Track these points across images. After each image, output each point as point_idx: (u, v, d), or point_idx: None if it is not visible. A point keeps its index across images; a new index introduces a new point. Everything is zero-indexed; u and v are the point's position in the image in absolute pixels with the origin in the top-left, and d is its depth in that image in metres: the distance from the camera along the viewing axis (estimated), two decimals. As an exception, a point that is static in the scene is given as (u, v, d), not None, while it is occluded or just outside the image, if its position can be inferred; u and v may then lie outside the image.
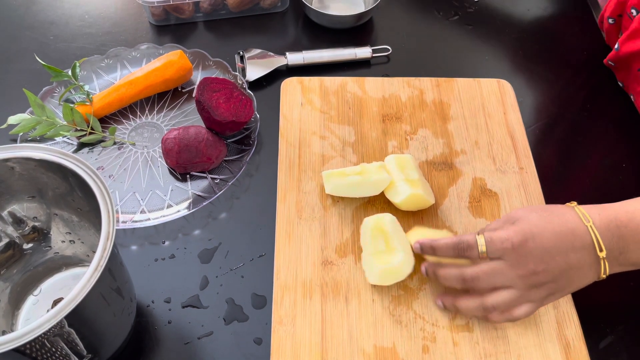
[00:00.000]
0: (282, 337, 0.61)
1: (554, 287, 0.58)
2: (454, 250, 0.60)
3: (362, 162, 0.74)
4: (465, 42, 0.92)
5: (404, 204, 0.68)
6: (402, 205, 0.68)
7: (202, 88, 0.73)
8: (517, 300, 0.58)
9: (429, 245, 0.61)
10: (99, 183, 0.50)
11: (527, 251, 0.56)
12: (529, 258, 0.56)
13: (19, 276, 0.62)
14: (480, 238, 0.58)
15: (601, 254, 0.56)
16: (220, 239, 0.69)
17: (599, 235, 0.56)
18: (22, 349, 0.44)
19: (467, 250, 0.59)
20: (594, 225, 0.56)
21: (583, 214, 0.57)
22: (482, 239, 0.58)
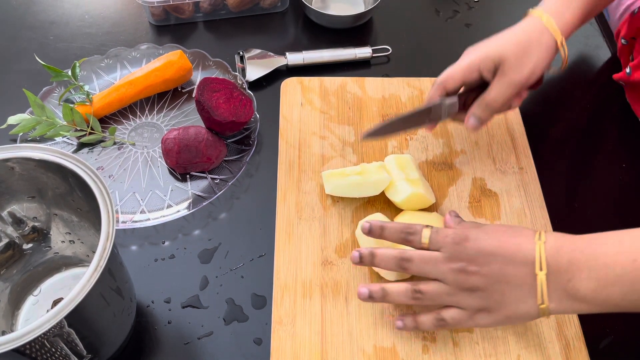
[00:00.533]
0: (282, 337, 0.61)
1: (486, 300, 0.55)
2: (400, 233, 0.58)
3: (362, 162, 0.74)
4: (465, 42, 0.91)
5: (404, 203, 0.68)
6: (403, 204, 0.68)
7: (202, 88, 0.73)
8: (442, 295, 0.56)
9: (379, 225, 0.60)
10: (99, 183, 0.50)
11: (464, 248, 0.54)
12: (463, 255, 0.54)
13: (19, 276, 0.62)
14: (427, 230, 0.57)
15: (540, 273, 0.52)
16: (220, 239, 0.69)
17: (546, 254, 0.52)
18: (22, 349, 0.44)
19: (412, 235, 0.58)
20: (545, 244, 0.53)
21: (540, 235, 0.54)
22: (428, 231, 0.57)
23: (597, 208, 0.74)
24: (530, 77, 0.63)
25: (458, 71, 0.65)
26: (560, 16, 0.64)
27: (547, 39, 0.64)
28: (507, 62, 0.63)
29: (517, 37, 0.63)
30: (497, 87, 0.64)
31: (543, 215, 0.70)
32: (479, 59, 0.64)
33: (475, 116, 0.66)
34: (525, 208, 0.71)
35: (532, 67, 0.63)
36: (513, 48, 0.63)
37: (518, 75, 0.63)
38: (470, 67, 0.64)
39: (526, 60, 0.63)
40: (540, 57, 0.63)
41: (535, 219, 0.70)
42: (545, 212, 0.71)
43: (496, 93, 0.64)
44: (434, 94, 0.67)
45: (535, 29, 0.64)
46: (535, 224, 0.70)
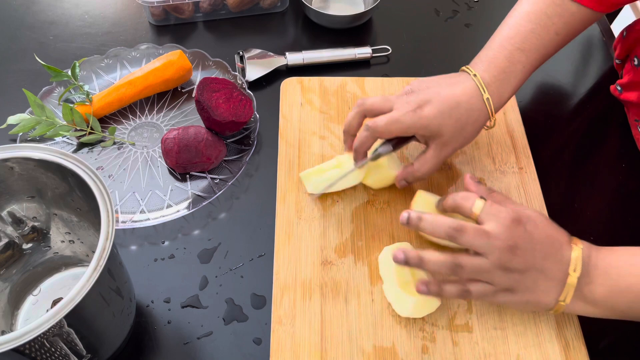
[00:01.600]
0: (281, 337, 0.61)
1: (517, 283, 0.57)
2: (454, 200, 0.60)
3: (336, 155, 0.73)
4: (465, 42, 0.92)
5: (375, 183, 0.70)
6: (374, 184, 0.71)
7: (201, 88, 0.73)
8: (482, 272, 0.56)
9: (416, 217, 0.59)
10: (99, 183, 0.50)
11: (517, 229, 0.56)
12: (515, 235, 0.56)
13: (19, 276, 0.62)
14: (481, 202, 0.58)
15: (574, 274, 0.56)
16: (220, 239, 0.69)
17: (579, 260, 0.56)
18: (21, 349, 0.44)
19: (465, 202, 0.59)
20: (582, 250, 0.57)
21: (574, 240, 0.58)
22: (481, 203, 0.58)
23: (597, 208, 0.74)
24: (456, 149, 0.66)
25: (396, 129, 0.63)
26: (499, 96, 0.66)
27: (483, 119, 0.65)
28: (443, 137, 0.64)
29: (457, 113, 0.63)
30: (432, 160, 0.65)
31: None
32: (419, 126, 0.63)
33: (406, 180, 0.68)
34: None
35: (463, 142, 0.66)
36: (451, 125, 0.63)
37: (450, 150, 0.65)
38: (408, 130, 0.63)
39: (460, 138, 0.65)
40: (472, 135, 0.66)
41: (535, 219, 0.70)
42: (545, 213, 0.71)
43: (429, 167, 0.66)
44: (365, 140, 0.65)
45: (475, 107, 0.64)
46: (534, 224, 0.69)
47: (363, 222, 0.69)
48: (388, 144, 0.66)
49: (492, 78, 0.65)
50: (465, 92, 0.65)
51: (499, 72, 0.66)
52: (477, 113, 0.65)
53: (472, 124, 0.65)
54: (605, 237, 0.71)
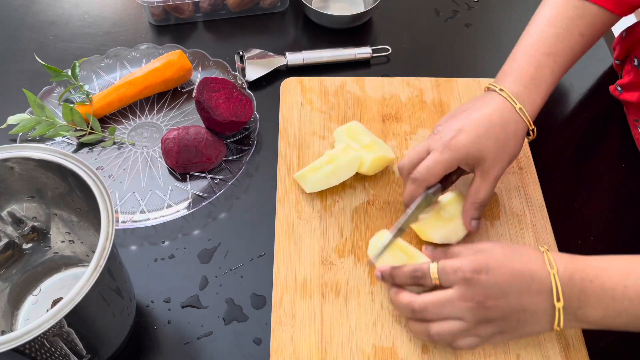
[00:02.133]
0: (281, 337, 0.61)
1: (503, 326, 0.56)
2: (410, 278, 0.59)
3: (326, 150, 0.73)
4: (465, 42, 0.92)
5: (370, 170, 0.71)
6: (369, 171, 0.71)
7: (201, 88, 0.73)
8: (463, 333, 0.56)
9: (389, 273, 0.61)
10: (99, 183, 0.50)
11: (479, 284, 0.55)
12: (479, 291, 0.55)
13: (19, 276, 0.62)
14: (434, 267, 0.57)
15: (558, 304, 0.54)
16: (220, 239, 0.69)
17: (560, 284, 0.54)
18: (21, 349, 0.44)
19: (422, 279, 0.58)
20: (558, 273, 0.54)
21: (549, 260, 0.55)
22: (435, 268, 0.57)
23: (597, 208, 0.74)
24: (507, 166, 0.64)
25: (440, 169, 0.62)
26: (532, 103, 0.64)
27: (521, 130, 0.63)
28: (487, 161, 0.62)
29: (495, 133, 0.62)
30: (485, 186, 0.63)
31: (543, 215, 0.70)
32: (459, 158, 0.62)
33: (475, 218, 0.65)
34: (525, 208, 0.71)
35: (509, 159, 0.63)
36: (492, 147, 0.61)
37: (499, 170, 0.63)
38: (451, 165, 0.62)
39: (505, 156, 0.63)
40: (517, 149, 0.64)
41: (535, 219, 0.70)
42: (545, 213, 0.71)
43: (485, 192, 0.63)
44: (415, 191, 0.64)
45: (510, 121, 0.62)
46: (535, 224, 0.69)
47: (363, 222, 0.69)
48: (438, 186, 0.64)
49: (521, 88, 0.64)
50: (497, 109, 0.63)
51: (528, 81, 0.64)
52: (515, 126, 0.63)
53: (512, 139, 0.63)
54: (605, 237, 0.71)
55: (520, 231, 0.69)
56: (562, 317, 0.54)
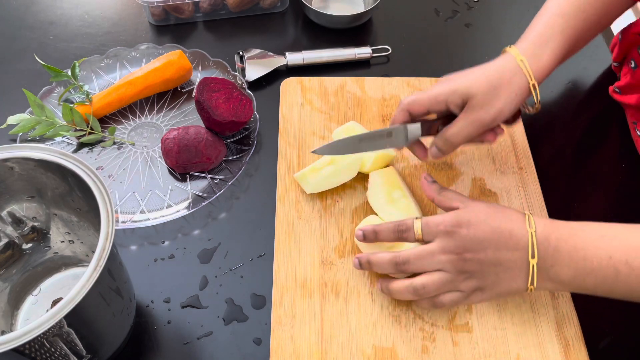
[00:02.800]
0: (281, 338, 0.61)
1: (482, 281, 0.58)
2: (394, 233, 0.61)
3: None
4: (464, 42, 0.92)
5: (372, 168, 0.71)
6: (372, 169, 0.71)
7: (201, 88, 0.73)
8: (445, 285, 0.58)
9: (372, 230, 0.62)
10: (98, 183, 0.50)
11: (459, 237, 0.57)
12: (459, 243, 0.57)
13: (19, 276, 0.62)
14: (418, 222, 0.59)
15: (532, 261, 0.56)
16: (220, 239, 0.69)
17: (537, 242, 0.56)
18: (21, 349, 0.44)
19: (405, 232, 0.60)
20: (536, 232, 0.56)
21: (529, 221, 0.57)
22: (418, 223, 0.59)
23: (597, 208, 0.74)
24: (497, 117, 0.62)
25: (425, 98, 0.63)
26: (537, 59, 0.63)
27: (519, 81, 0.62)
28: (474, 98, 0.61)
29: (489, 75, 0.62)
30: (460, 122, 0.62)
31: (543, 215, 0.70)
32: (447, 91, 0.62)
33: (437, 147, 0.65)
34: (525, 208, 0.71)
35: (500, 107, 0.61)
36: (483, 85, 0.61)
37: (484, 114, 0.61)
38: (437, 98, 0.63)
39: (494, 100, 0.61)
40: (510, 99, 0.62)
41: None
42: (545, 213, 0.71)
43: (458, 128, 0.62)
44: (397, 115, 0.65)
45: (508, 69, 0.62)
46: (534, 224, 0.69)
47: (363, 222, 0.69)
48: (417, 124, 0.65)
49: (527, 43, 0.64)
50: (500, 60, 0.64)
51: (535, 37, 0.64)
52: (511, 74, 0.62)
53: (506, 85, 0.61)
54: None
55: (520, 231, 0.69)
56: (536, 275, 0.56)
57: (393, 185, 0.68)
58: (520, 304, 0.64)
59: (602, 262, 0.54)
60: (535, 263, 0.56)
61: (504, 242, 0.56)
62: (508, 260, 0.57)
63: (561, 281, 0.56)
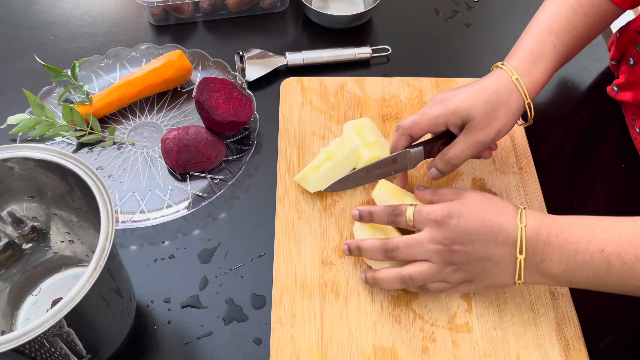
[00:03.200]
0: (281, 337, 0.61)
1: (470, 273, 0.58)
2: (388, 216, 0.62)
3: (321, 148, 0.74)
4: (464, 42, 0.92)
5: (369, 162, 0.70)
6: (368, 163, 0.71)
7: (201, 88, 0.73)
8: (433, 275, 0.59)
9: (367, 211, 0.64)
10: (98, 183, 0.50)
11: (448, 227, 0.57)
12: (448, 234, 0.57)
13: (19, 276, 0.62)
14: (411, 208, 0.61)
15: (520, 256, 0.56)
16: (220, 239, 0.69)
17: (525, 237, 0.56)
18: (21, 349, 0.44)
19: (398, 217, 0.61)
20: (526, 227, 0.56)
21: (521, 215, 0.57)
22: (411, 210, 0.60)
23: (597, 208, 0.74)
24: (495, 137, 0.63)
25: (425, 121, 0.64)
26: (530, 76, 0.64)
27: (515, 100, 0.63)
28: (474, 120, 0.62)
29: (486, 95, 0.62)
30: (461, 144, 0.63)
31: (543, 215, 0.70)
32: (447, 112, 0.63)
33: (437, 168, 0.66)
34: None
35: (498, 127, 0.63)
36: (481, 107, 0.62)
37: (483, 136, 0.62)
38: (437, 120, 0.63)
39: (493, 121, 0.62)
40: (507, 119, 0.63)
41: (535, 219, 0.70)
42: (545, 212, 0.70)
43: (459, 150, 0.63)
44: (398, 139, 0.65)
45: (504, 88, 0.63)
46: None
47: (363, 222, 0.69)
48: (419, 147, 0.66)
49: (519, 61, 0.64)
50: (494, 79, 0.64)
51: (527, 54, 0.65)
52: (507, 94, 0.63)
53: (503, 106, 0.62)
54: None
55: (520, 231, 0.69)
56: (524, 270, 0.57)
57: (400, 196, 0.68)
58: (520, 304, 0.64)
59: (594, 256, 0.54)
60: (523, 259, 0.56)
61: (493, 237, 0.57)
62: (496, 254, 0.57)
63: (552, 275, 0.56)
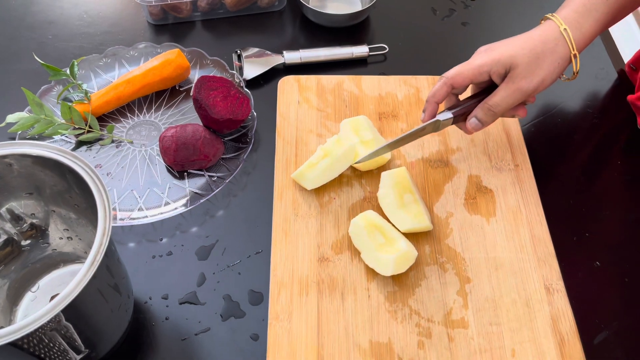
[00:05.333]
0: (278, 333, 0.62)
1: None
2: None
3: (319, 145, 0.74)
4: (461, 41, 0.92)
5: (363, 165, 0.72)
6: (362, 166, 0.72)
7: (199, 86, 0.73)
8: None
9: None
10: (96, 180, 0.51)
11: None
12: None
13: (17, 273, 0.63)
14: None
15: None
16: (218, 236, 0.70)
17: None
18: (19, 343, 0.45)
19: None
20: None
21: None
22: None
23: (592, 204, 0.74)
24: (538, 86, 0.62)
25: (468, 70, 0.64)
26: (579, 27, 0.63)
27: (561, 50, 0.62)
28: (518, 68, 0.62)
29: (532, 44, 0.62)
30: (502, 92, 0.63)
31: (538, 212, 0.71)
32: (490, 61, 0.63)
33: (477, 118, 0.66)
34: (521, 205, 0.71)
35: (542, 76, 0.62)
36: (526, 55, 0.61)
37: (527, 84, 0.62)
38: (481, 69, 0.63)
39: (537, 70, 0.62)
40: (552, 68, 0.62)
41: (531, 215, 0.70)
42: (541, 209, 0.71)
43: (500, 98, 0.63)
44: (439, 88, 0.66)
45: (551, 38, 0.62)
46: (530, 221, 0.70)
47: (360, 219, 0.70)
48: (448, 112, 0.66)
49: (569, 11, 0.64)
50: (541, 29, 0.63)
51: (578, 6, 0.64)
52: (554, 43, 0.62)
53: (549, 55, 0.62)
54: (601, 233, 0.72)
55: (516, 227, 0.69)
56: None
57: (404, 188, 0.69)
58: (516, 299, 0.64)
59: None
60: None
61: None
62: None
63: None
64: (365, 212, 0.67)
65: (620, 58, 0.90)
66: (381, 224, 0.66)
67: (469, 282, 0.65)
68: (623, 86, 0.86)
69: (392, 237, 0.65)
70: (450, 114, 0.66)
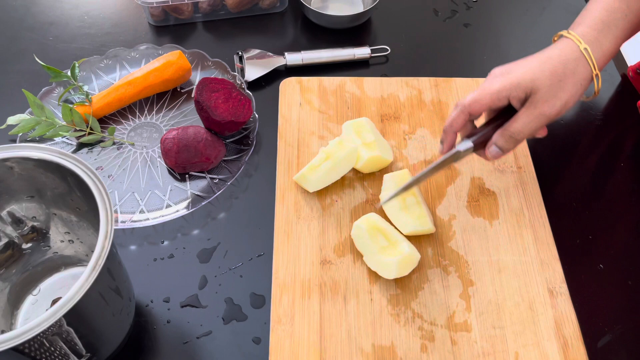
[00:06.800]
0: (280, 337, 0.61)
1: None
2: None
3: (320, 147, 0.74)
4: (463, 42, 0.92)
5: (365, 167, 0.71)
6: (364, 168, 0.72)
7: (201, 88, 0.73)
8: None
9: None
10: (97, 183, 0.50)
11: None
12: None
13: (18, 276, 0.62)
14: None
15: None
16: (219, 239, 0.70)
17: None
18: (21, 348, 0.44)
19: None
20: None
21: None
22: None
23: (595, 207, 0.74)
24: (561, 110, 0.59)
25: (486, 96, 0.60)
26: (599, 46, 0.60)
27: (583, 70, 0.59)
28: (539, 92, 0.58)
29: (551, 65, 0.59)
30: (524, 117, 0.59)
31: (541, 214, 0.70)
32: (509, 85, 0.59)
33: (498, 145, 0.62)
34: (524, 207, 0.71)
35: (565, 100, 0.59)
36: (547, 78, 0.58)
37: (549, 108, 0.59)
38: (499, 94, 0.60)
39: (560, 93, 0.59)
40: (575, 90, 0.59)
41: (534, 218, 0.70)
42: (544, 212, 0.71)
43: (522, 124, 0.59)
44: (457, 117, 0.62)
45: (571, 58, 0.59)
46: (533, 223, 0.70)
47: (362, 222, 0.70)
48: (468, 141, 0.62)
49: (588, 29, 0.61)
50: (560, 48, 0.60)
51: (596, 23, 0.61)
52: (574, 63, 0.59)
53: (570, 77, 0.59)
54: (604, 236, 0.71)
55: (519, 230, 0.69)
56: None
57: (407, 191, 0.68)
58: (519, 302, 0.64)
59: None
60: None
61: None
62: None
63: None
64: (367, 215, 0.67)
65: (624, 62, 0.90)
66: (384, 227, 0.66)
67: (472, 285, 0.65)
68: (627, 90, 0.86)
69: (395, 239, 0.65)
70: (470, 142, 0.62)
